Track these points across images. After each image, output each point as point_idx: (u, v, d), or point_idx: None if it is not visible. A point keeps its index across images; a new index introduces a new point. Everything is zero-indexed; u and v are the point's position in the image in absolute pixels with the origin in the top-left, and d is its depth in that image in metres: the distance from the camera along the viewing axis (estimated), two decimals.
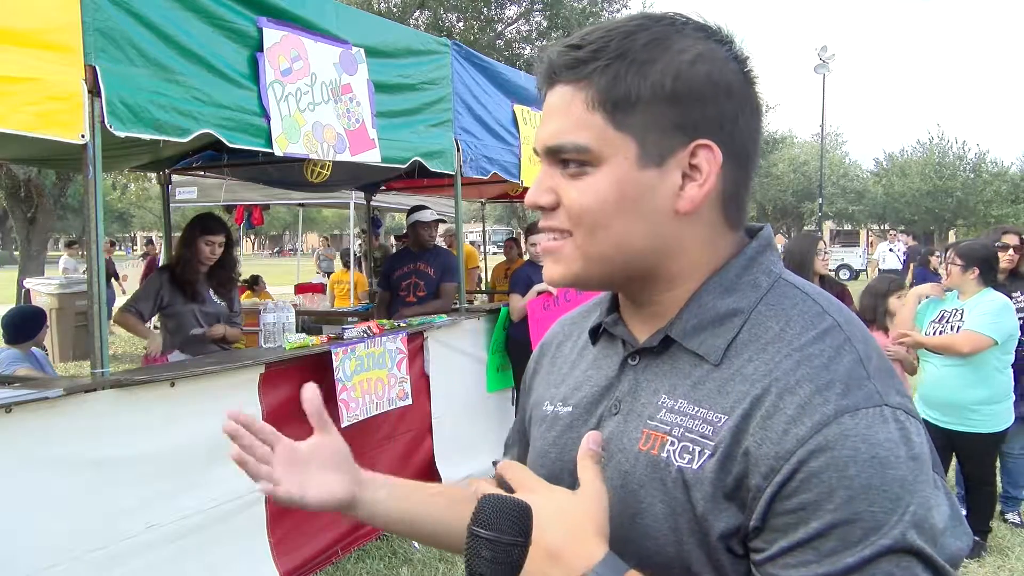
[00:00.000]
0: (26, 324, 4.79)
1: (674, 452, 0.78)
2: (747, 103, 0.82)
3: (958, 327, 3.89)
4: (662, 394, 0.82)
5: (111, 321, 4.99)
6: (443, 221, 6.20)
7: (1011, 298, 4.24)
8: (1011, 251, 4.51)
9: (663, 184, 0.80)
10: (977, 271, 3.92)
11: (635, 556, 0.78)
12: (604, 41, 0.79)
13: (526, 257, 6.26)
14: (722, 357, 0.80)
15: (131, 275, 15.88)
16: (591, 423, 0.88)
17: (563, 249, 0.83)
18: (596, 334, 0.95)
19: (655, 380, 0.84)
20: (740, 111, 0.81)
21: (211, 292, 4.38)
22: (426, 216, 5.53)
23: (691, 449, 0.77)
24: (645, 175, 0.79)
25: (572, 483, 0.82)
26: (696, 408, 0.79)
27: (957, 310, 3.96)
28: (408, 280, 5.44)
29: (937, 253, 11.66)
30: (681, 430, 0.78)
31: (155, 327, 4.75)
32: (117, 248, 22.59)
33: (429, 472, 4.68)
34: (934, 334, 3.99)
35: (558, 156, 0.81)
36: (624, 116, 0.78)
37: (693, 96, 0.78)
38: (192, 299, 4.27)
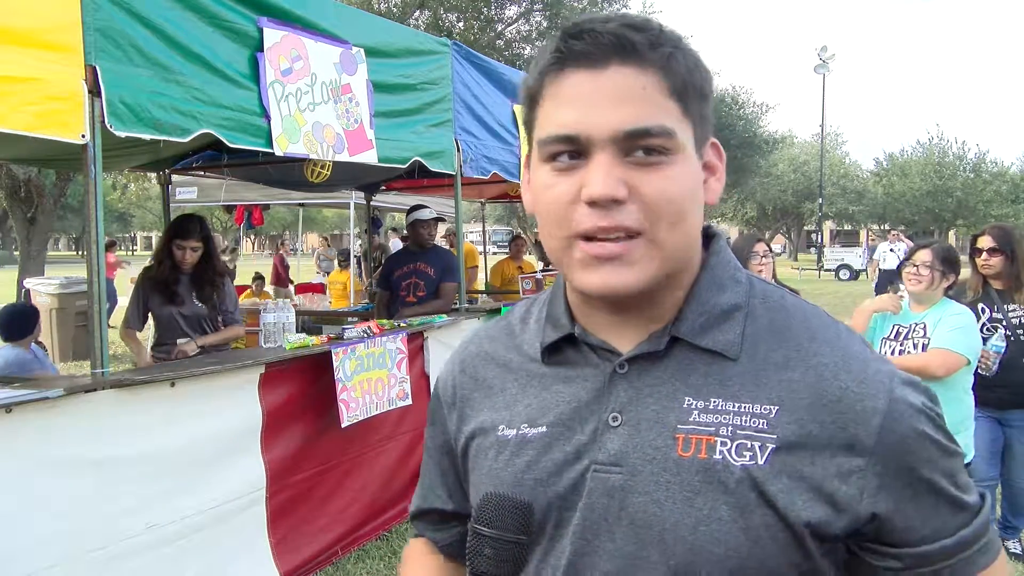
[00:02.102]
0: (15, 321, 4.76)
1: (729, 452, 0.76)
2: None
3: (923, 344, 3.28)
4: (684, 397, 0.79)
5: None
6: (443, 220, 6.19)
7: (1013, 311, 3.74)
8: (984, 255, 3.80)
9: (701, 175, 0.82)
10: (953, 279, 3.35)
11: (706, 564, 0.75)
12: (659, 28, 0.77)
13: (529, 257, 6.23)
14: (740, 351, 0.80)
15: (129, 276, 15.87)
16: (577, 440, 0.82)
17: (634, 252, 0.76)
18: (553, 348, 0.88)
19: (664, 384, 0.80)
20: None
21: (193, 295, 4.29)
22: (425, 215, 5.52)
23: (749, 446, 0.75)
24: (699, 164, 0.80)
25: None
26: (737, 404, 0.77)
27: (917, 324, 3.34)
28: (408, 280, 5.43)
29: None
30: (730, 428, 0.76)
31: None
32: (118, 248, 22.50)
33: None
34: (891, 353, 3.37)
35: (638, 141, 0.74)
36: (689, 104, 0.77)
37: (710, 96, 0.82)
38: (171, 301, 4.24)
